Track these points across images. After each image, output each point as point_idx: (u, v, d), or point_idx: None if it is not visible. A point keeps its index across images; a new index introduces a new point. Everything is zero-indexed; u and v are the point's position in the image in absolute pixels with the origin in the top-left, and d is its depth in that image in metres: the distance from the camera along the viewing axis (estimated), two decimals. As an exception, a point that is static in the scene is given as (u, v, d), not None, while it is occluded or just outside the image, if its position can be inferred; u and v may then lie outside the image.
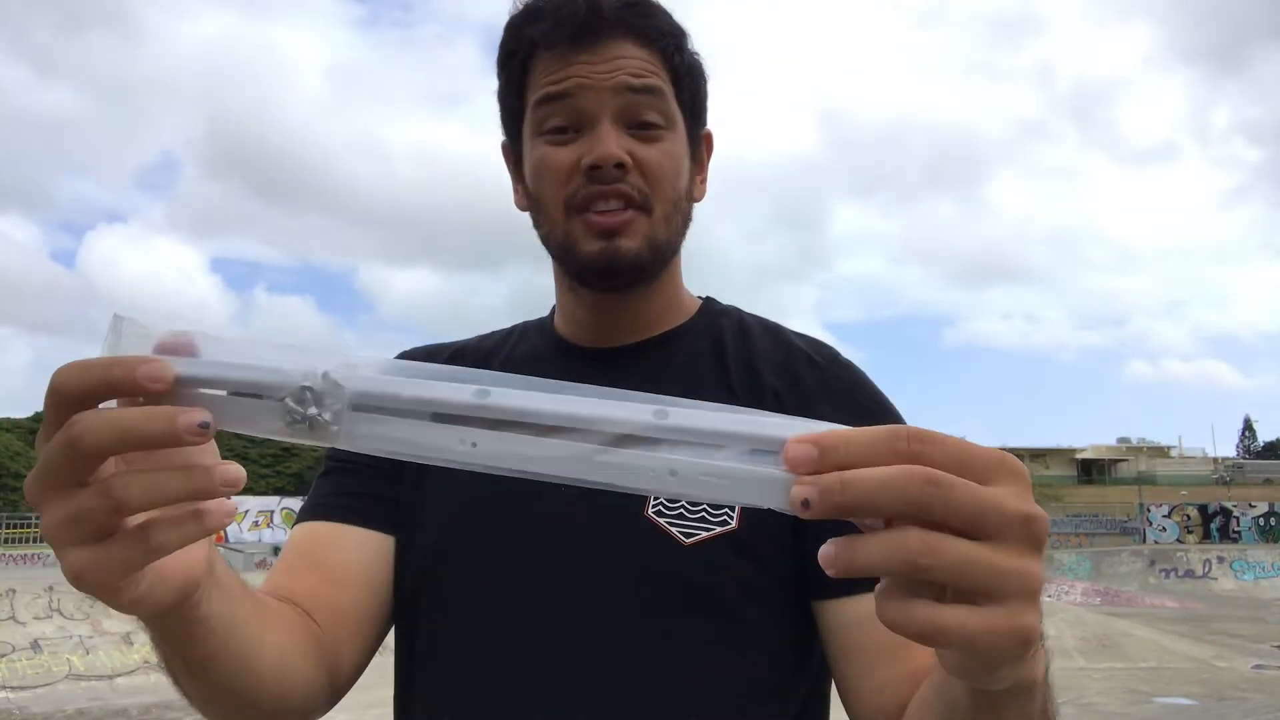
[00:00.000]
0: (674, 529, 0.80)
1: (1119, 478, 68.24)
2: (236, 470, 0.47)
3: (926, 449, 0.42)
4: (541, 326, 1.03)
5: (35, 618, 13.05)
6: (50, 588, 13.65)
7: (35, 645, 12.47)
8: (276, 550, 20.48)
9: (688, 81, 0.90)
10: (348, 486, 0.92)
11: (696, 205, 0.93)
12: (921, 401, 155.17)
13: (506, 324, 1.07)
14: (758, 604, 0.81)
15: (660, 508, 0.81)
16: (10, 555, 21.93)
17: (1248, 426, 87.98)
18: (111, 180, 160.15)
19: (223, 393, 0.48)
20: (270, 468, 72.38)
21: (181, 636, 0.58)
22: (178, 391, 0.47)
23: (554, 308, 1.02)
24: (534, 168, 0.89)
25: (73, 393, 0.46)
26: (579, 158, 0.85)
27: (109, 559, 0.46)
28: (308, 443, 0.47)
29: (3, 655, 12.09)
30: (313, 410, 0.47)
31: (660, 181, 0.86)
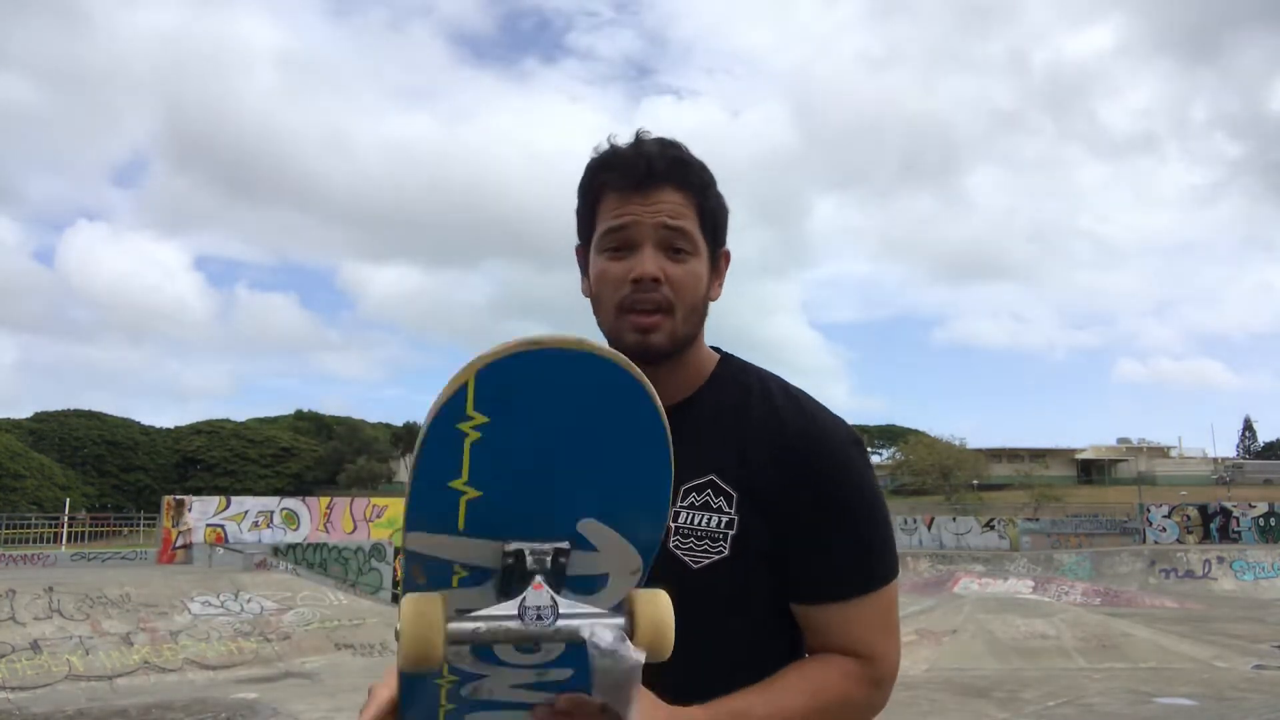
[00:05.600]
0: (686, 558, 1.16)
1: (1119, 478, 68.22)
2: None
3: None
4: None
5: (35, 618, 13.03)
6: (50, 588, 13.62)
7: (35, 646, 12.45)
8: (276, 550, 20.45)
9: (710, 218, 1.24)
10: None
11: (715, 302, 1.27)
12: (920, 403, 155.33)
13: (491, 322, 1.22)
14: (735, 607, 1.18)
15: (677, 541, 1.17)
16: (10, 555, 21.89)
17: (1248, 427, 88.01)
18: (88, 177, 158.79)
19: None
20: (270, 468, 72.31)
21: None
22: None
23: None
24: (597, 275, 1.23)
25: None
26: (628, 271, 1.19)
27: None
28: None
29: (2, 655, 12.06)
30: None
31: (683, 291, 1.20)
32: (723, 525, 1.16)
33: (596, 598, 0.86)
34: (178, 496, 24.61)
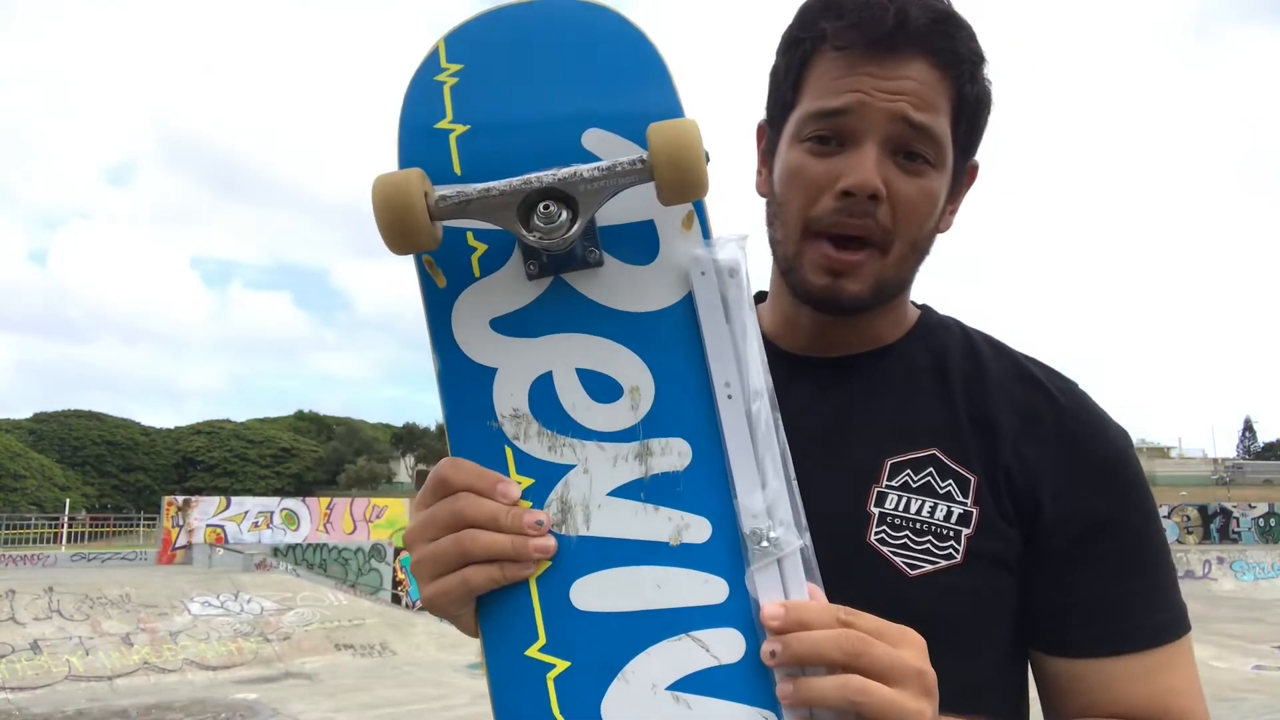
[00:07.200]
0: (898, 559, 0.82)
1: (1119, 478, 67.94)
2: (549, 542, 0.69)
3: (855, 619, 0.64)
4: None
5: (35, 618, 13.04)
6: (50, 588, 13.62)
7: (35, 646, 12.45)
8: (275, 551, 20.43)
9: (969, 113, 0.84)
10: None
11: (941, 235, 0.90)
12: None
13: None
14: (972, 638, 0.83)
15: (884, 536, 0.82)
16: (10, 556, 21.87)
17: (1248, 427, 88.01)
18: (82, 177, 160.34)
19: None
20: (270, 469, 72.30)
21: None
22: None
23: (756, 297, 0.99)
24: (785, 172, 0.86)
25: (455, 484, 0.70)
26: (835, 177, 0.81)
27: (448, 594, 0.69)
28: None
29: (2, 656, 12.07)
30: None
31: (909, 220, 0.83)
32: (955, 519, 0.82)
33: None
34: (183, 496, 24.62)
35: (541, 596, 0.69)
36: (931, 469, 0.84)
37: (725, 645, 0.67)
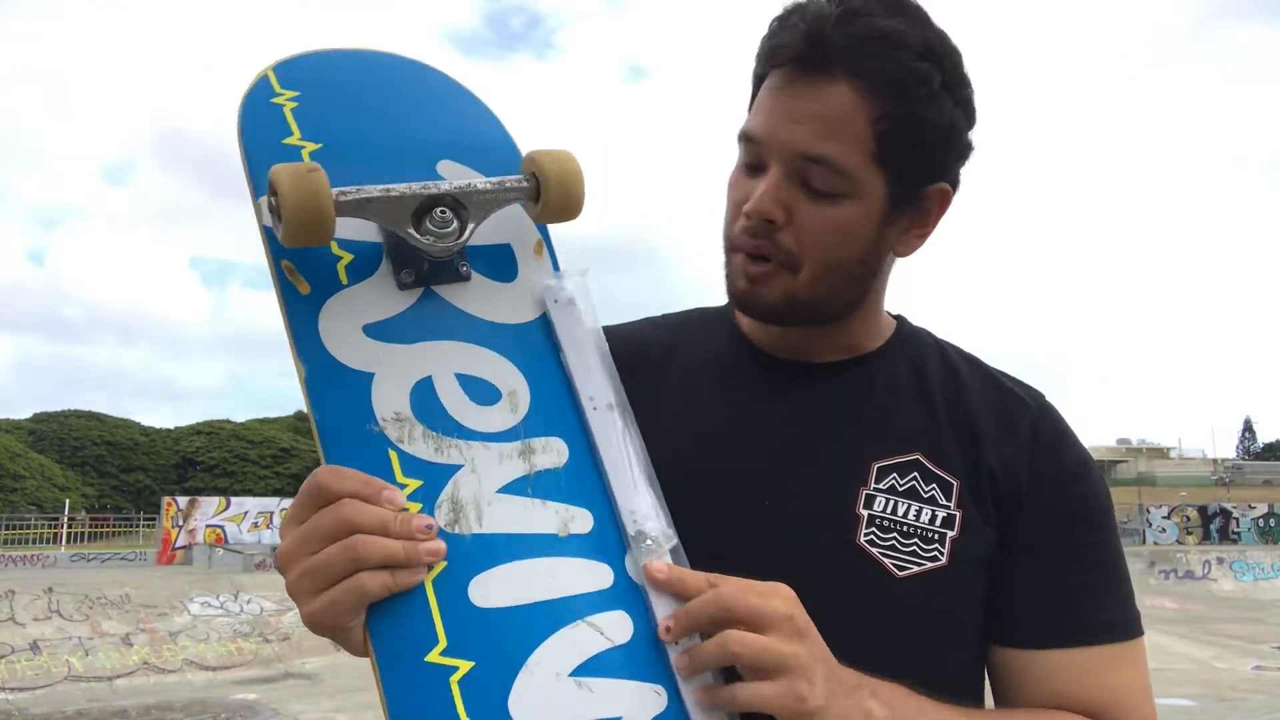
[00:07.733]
0: (887, 560, 0.83)
1: (1119, 479, 68.18)
2: (440, 546, 0.68)
3: (722, 580, 0.69)
4: (722, 320, 1.01)
5: (34, 619, 13.03)
6: (49, 589, 13.62)
7: (34, 646, 12.45)
8: (275, 551, 20.41)
9: (902, 137, 0.80)
10: None
11: (905, 259, 0.92)
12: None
13: None
14: (957, 638, 0.86)
15: (873, 537, 0.84)
16: (10, 556, 21.88)
17: (1247, 428, 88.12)
18: (80, 177, 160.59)
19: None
20: (270, 469, 72.32)
21: None
22: None
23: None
24: (727, 186, 0.90)
25: (337, 491, 0.67)
26: (748, 198, 0.83)
27: (338, 605, 0.66)
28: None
29: (2, 656, 12.06)
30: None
31: (814, 246, 0.83)
32: (939, 522, 0.84)
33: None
34: (186, 497, 24.63)
35: (439, 598, 0.68)
36: (916, 473, 0.86)
37: (616, 626, 0.71)
